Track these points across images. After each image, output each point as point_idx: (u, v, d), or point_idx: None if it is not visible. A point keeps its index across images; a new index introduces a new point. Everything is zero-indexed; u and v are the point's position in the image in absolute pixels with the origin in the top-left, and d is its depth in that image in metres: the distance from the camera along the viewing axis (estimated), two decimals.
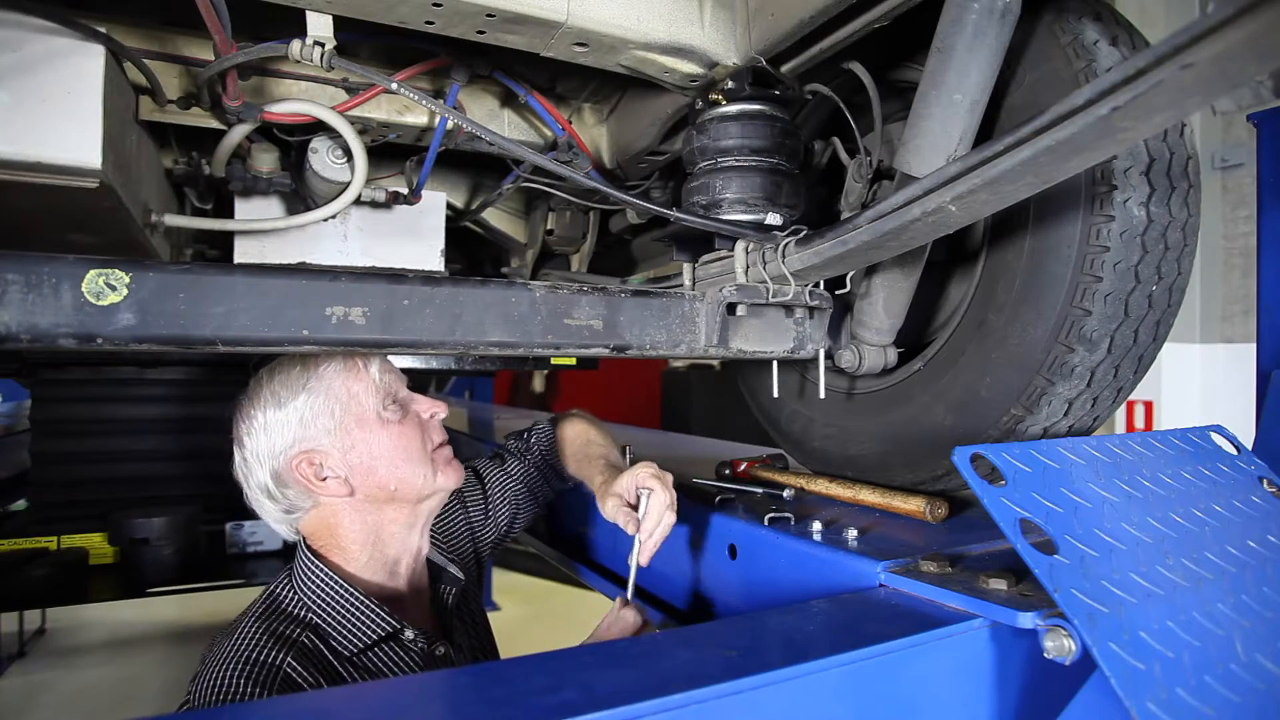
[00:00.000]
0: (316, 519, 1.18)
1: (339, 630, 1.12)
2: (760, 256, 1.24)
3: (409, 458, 1.20)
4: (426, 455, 1.23)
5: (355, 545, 1.18)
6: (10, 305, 0.83)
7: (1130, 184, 1.04)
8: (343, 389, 1.18)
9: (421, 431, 1.24)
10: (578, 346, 1.13)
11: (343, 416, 1.17)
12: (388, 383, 1.22)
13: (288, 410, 1.15)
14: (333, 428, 1.16)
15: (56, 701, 4.33)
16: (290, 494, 1.17)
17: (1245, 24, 0.57)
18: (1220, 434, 1.19)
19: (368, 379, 1.20)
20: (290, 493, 1.17)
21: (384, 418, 1.19)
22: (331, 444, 1.16)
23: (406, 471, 1.19)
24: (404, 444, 1.20)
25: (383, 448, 1.18)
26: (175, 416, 2.90)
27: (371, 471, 1.17)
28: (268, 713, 0.73)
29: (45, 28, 1.11)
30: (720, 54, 1.26)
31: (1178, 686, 0.72)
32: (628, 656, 0.77)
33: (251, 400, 1.18)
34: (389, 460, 1.18)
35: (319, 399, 1.16)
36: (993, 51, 1.00)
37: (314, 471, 1.15)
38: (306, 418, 1.15)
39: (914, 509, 1.20)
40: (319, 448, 1.15)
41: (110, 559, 2.73)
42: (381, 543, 1.20)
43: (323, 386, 1.17)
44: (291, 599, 1.15)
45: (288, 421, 1.15)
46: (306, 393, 1.16)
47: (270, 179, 1.61)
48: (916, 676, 0.81)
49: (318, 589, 1.14)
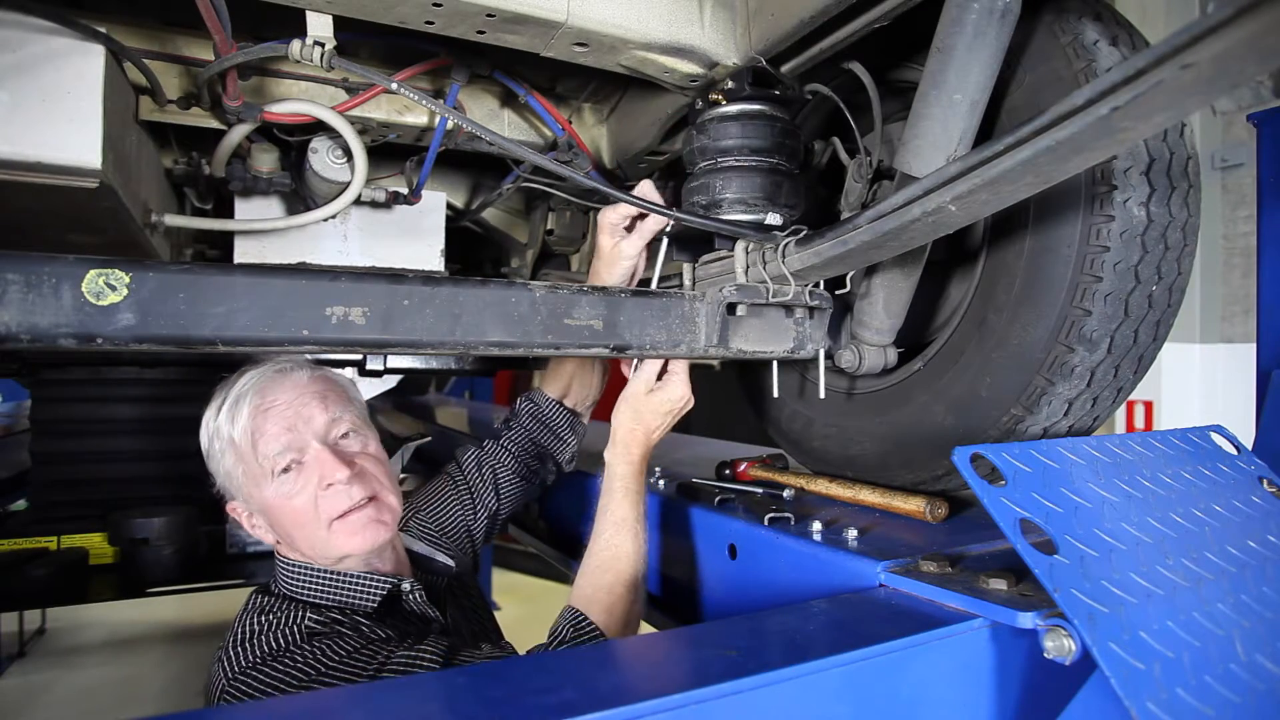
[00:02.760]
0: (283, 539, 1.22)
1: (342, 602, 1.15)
2: (760, 256, 1.24)
3: (300, 526, 1.16)
4: (322, 526, 1.15)
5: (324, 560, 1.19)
6: (10, 305, 0.82)
7: (1130, 184, 1.03)
8: (244, 445, 1.16)
9: (316, 506, 1.15)
10: (578, 346, 1.13)
11: (244, 480, 1.17)
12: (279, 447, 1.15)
13: (211, 461, 1.20)
14: (238, 486, 1.18)
15: (56, 701, 4.33)
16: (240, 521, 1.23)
17: (1245, 24, 0.57)
18: (1220, 434, 1.19)
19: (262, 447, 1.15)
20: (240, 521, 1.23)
21: (274, 489, 1.15)
22: (243, 501, 1.20)
23: (308, 540, 1.17)
24: (295, 517, 1.16)
25: (280, 516, 1.17)
26: (175, 416, 2.90)
27: (284, 530, 1.18)
28: (268, 713, 0.73)
29: (45, 28, 1.11)
30: (720, 54, 1.26)
31: (1178, 686, 0.72)
32: (628, 657, 0.77)
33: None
34: (287, 524, 1.17)
35: (228, 458, 1.18)
36: (993, 51, 1.00)
37: (245, 519, 1.21)
38: (221, 470, 1.19)
39: (914, 509, 1.20)
40: (237, 499, 1.20)
41: (110, 559, 2.73)
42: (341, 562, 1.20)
43: (224, 442, 1.17)
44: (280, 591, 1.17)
45: (213, 463, 1.20)
46: (215, 441, 1.18)
47: (270, 179, 1.61)
48: (916, 676, 0.81)
49: (303, 579, 1.17)
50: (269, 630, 1.04)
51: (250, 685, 0.97)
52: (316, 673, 0.97)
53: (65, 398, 2.78)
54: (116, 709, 4.10)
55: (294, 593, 1.16)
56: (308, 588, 1.16)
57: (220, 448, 1.17)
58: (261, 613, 1.10)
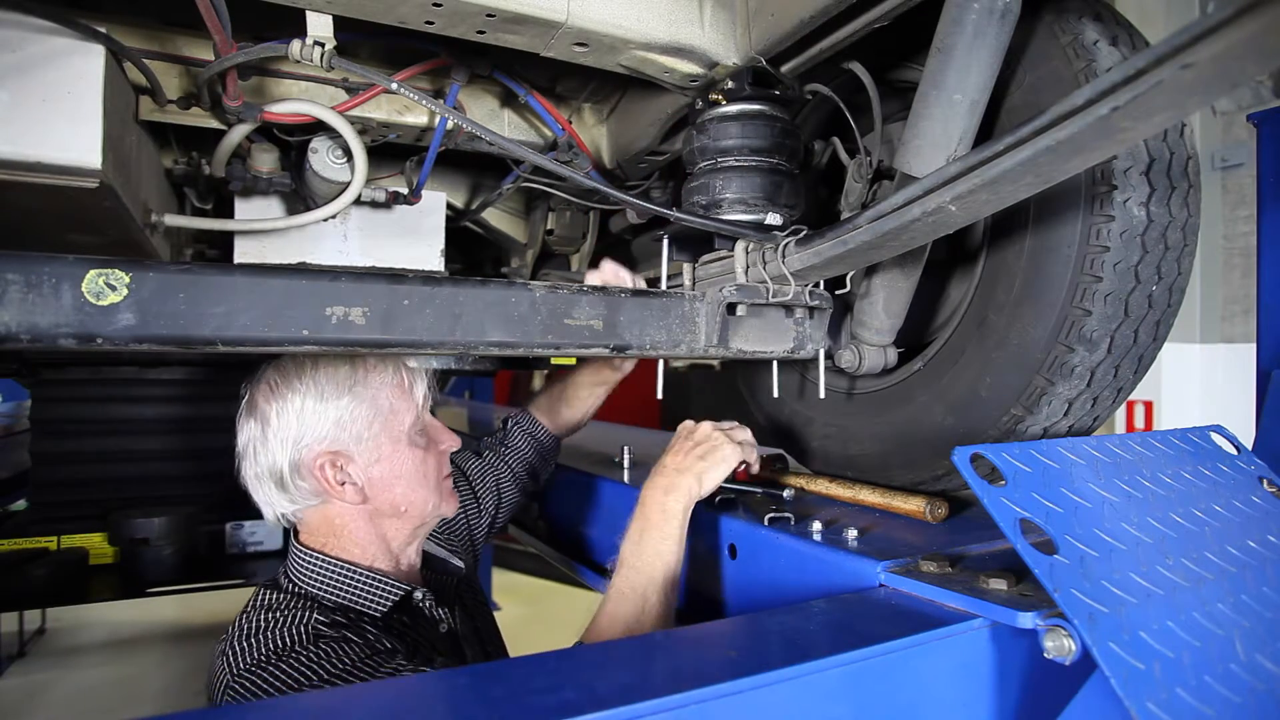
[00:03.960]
0: (320, 515, 1.19)
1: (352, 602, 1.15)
2: (760, 256, 1.24)
3: (424, 484, 1.23)
4: (439, 485, 1.26)
5: (357, 546, 1.19)
6: (10, 305, 0.82)
7: (1130, 184, 1.04)
8: (386, 402, 1.19)
9: (439, 461, 1.28)
10: (578, 346, 1.13)
11: (379, 429, 1.18)
12: (425, 409, 1.25)
13: (328, 405, 1.15)
14: (367, 437, 1.17)
15: (56, 701, 4.33)
16: (304, 486, 1.16)
17: (1245, 24, 0.57)
18: (1220, 434, 1.19)
19: (411, 400, 1.22)
20: (304, 485, 1.16)
21: (414, 441, 1.22)
22: (359, 452, 1.17)
23: (420, 495, 1.22)
24: (424, 470, 1.23)
25: (405, 469, 1.20)
26: (175, 416, 2.90)
27: (389, 488, 1.19)
28: (268, 713, 0.73)
29: (45, 28, 1.11)
30: (720, 54, 1.26)
31: (1178, 686, 0.72)
32: (628, 656, 0.77)
33: (288, 382, 1.16)
34: (408, 482, 1.21)
35: (363, 406, 1.17)
36: (993, 51, 1.00)
37: (335, 474, 1.15)
38: (344, 420, 1.15)
39: (914, 509, 1.20)
40: (346, 452, 1.16)
41: (110, 559, 2.73)
42: (384, 545, 1.22)
43: (369, 394, 1.17)
44: (292, 586, 1.16)
45: (325, 416, 1.15)
46: (352, 396, 1.16)
47: (270, 179, 1.61)
48: (916, 676, 0.81)
49: (320, 571, 1.16)
50: (275, 627, 1.03)
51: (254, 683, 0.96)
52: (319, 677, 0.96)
53: (65, 398, 2.78)
54: (116, 709, 4.10)
55: (307, 586, 1.15)
56: (323, 581, 1.15)
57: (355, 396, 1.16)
58: (269, 609, 1.09)
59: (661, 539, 1.16)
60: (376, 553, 1.20)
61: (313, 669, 0.97)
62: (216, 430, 2.79)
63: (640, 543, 1.16)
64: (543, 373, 6.45)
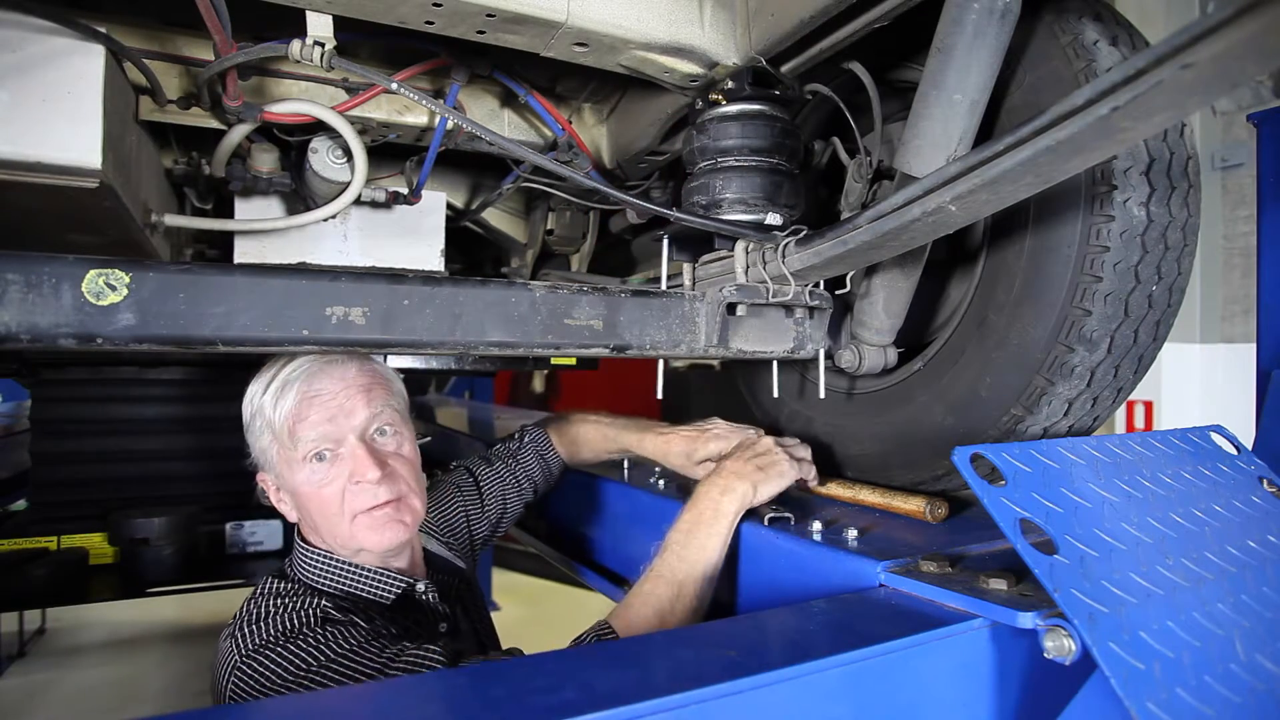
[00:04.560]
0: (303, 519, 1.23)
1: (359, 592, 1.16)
2: (760, 256, 1.24)
3: (325, 516, 1.17)
4: (344, 519, 1.16)
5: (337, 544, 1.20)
6: (10, 305, 0.83)
7: (1130, 184, 1.04)
8: (283, 428, 1.15)
9: (343, 499, 1.16)
10: (578, 346, 1.13)
11: (277, 456, 1.18)
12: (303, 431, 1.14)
13: (249, 427, 1.21)
14: (271, 461, 1.20)
15: (56, 701, 4.33)
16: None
17: (1245, 24, 0.57)
18: (1220, 434, 1.19)
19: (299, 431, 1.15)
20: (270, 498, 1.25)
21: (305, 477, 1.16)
22: (273, 476, 1.22)
23: (329, 529, 1.18)
24: (320, 506, 1.16)
25: (305, 502, 1.18)
26: (175, 416, 2.90)
27: (305, 512, 1.20)
28: (268, 713, 0.73)
29: (45, 28, 1.11)
30: (720, 54, 1.26)
31: (1178, 686, 0.72)
32: (628, 656, 0.77)
33: None
34: (314, 513, 1.18)
35: (265, 437, 1.19)
36: (993, 51, 1.00)
37: (272, 493, 1.23)
38: (256, 444, 1.21)
39: (914, 509, 1.20)
40: (268, 472, 1.22)
41: (110, 559, 2.73)
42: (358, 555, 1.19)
43: (265, 421, 1.18)
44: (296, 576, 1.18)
45: (251, 436, 1.21)
46: (257, 418, 1.19)
47: (270, 179, 1.61)
48: (916, 676, 0.81)
49: (320, 567, 1.18)
50: (284, 611, 1.04)
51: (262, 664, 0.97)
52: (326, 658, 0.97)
53: (65, 398, 2.78)
54: (116, 709, 4.10)
55: (310, 579, 1.17)
56: (325, 576, 1.17)
57: (260, 425, 1.19)
58: (276, 596, 1.10)
59: (710, 535, 1.16)
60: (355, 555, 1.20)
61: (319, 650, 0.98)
62: (216, 430, 2.81)
63: (690, 534, 1.17)
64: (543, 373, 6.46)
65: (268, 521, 2.84)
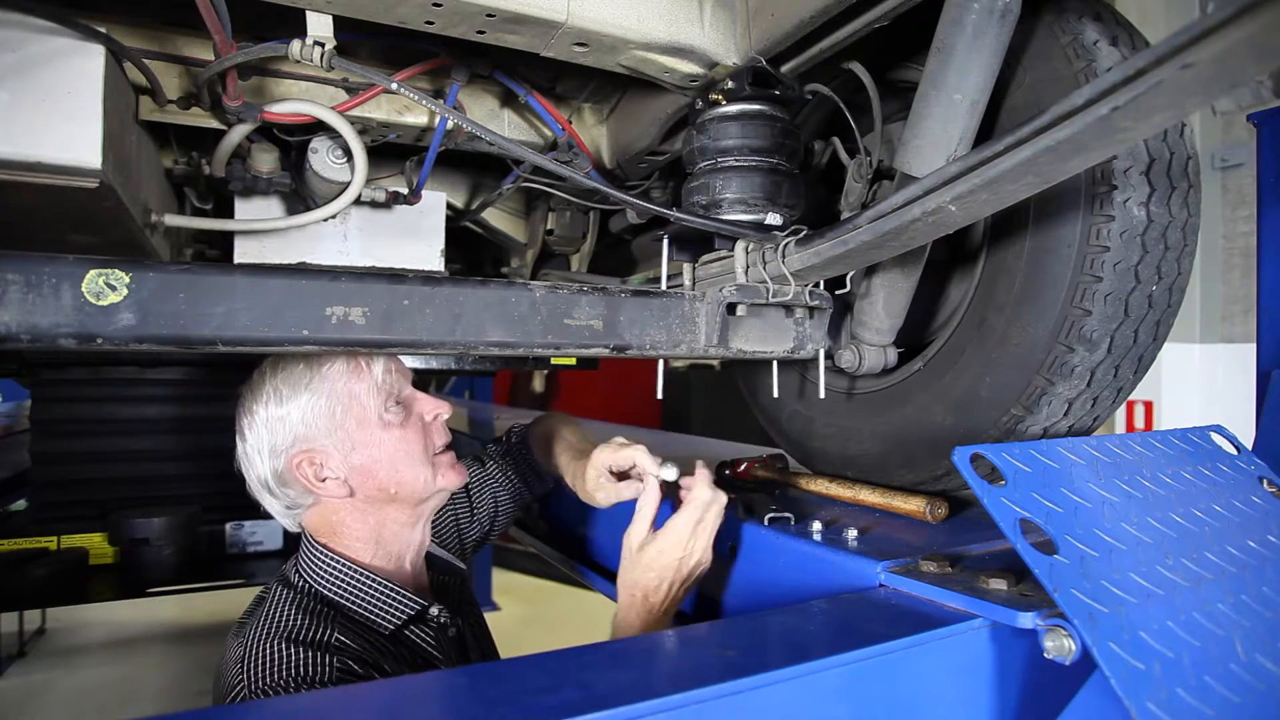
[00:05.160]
0: (318, 514, 1.19)
1: (370, 612, 1.13)
2: (760, 256, 1.24)
3: (410, 461, 1.19)
4: (427, 458, 1.22)
5: (358, 541, 1.19)
6: (10, 305, 0.83)
7: (1130, 184, 1.04)
8: (344, 390, 1.16)
9: (424, 434, 1.23)
10: (578, 346, 1.13)
11: (343, 418, 1.16)
12: (390, 383, 1.20)
13: (288, 407, 1.14)
14: (333, 429, 1.15)
15: (56, 701, 4.33)
16: (291, 492, 1.17)
17: (1245, 24, 0.57)
18: (1220, 434, 1.19)
19: (370, 380, 1.18)
20: (291, 491, 1.17)
21: (385, 420, 1.18)
22: (332, 445, 1.15)
23: (407, 474, 1.19)
24: (404, 447, 1.19)
25: (383, 451, 1.17)
26: (175, 416, 2.90)
27: (371, 474, 1.17)
28: (268, 713, 0.73)
29: (45, 28, 1.11)
30: (720, 54, 1.26)
31: (1178, 686, 0.72)
32: (628, 656, 0.77)
33: (253, 394, 1.17)
34: (389, 463, 1.18)
35: (320, 399, 1.15)
36: (993, 51, 1.00)
37: (314, 472, 1.15)
38: (308, 417, 1.15)
39: (914, 509, 1.20)
40: (319, 448, 1.15)
41: (110, 559, 2.73)
42: (384, 540, 1.21)
43: (325, 386, 1.15)
44: (307, 586, 1.14)
45: (288, 419, 1.14)
46: (308, 391, 1.15)
47: (270, 179, 1.61)
48: (916, 676, 0.81)
49: (335, 575, 1.15)
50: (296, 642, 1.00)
51: None
52: None
53: (65, 398, 2.79)
54: (116, 709, 4.11)
55: (319, 586, 1.14)
56: (336, 584, 1.14)
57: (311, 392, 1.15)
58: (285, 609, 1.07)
59: None
60: (378, 548, 1.20)
61: None
62: (216, 430, 2.80)
63: None
64: (543, 373, 6.46)
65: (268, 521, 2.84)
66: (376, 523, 1.20)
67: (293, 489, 1.17)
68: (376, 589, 1.15)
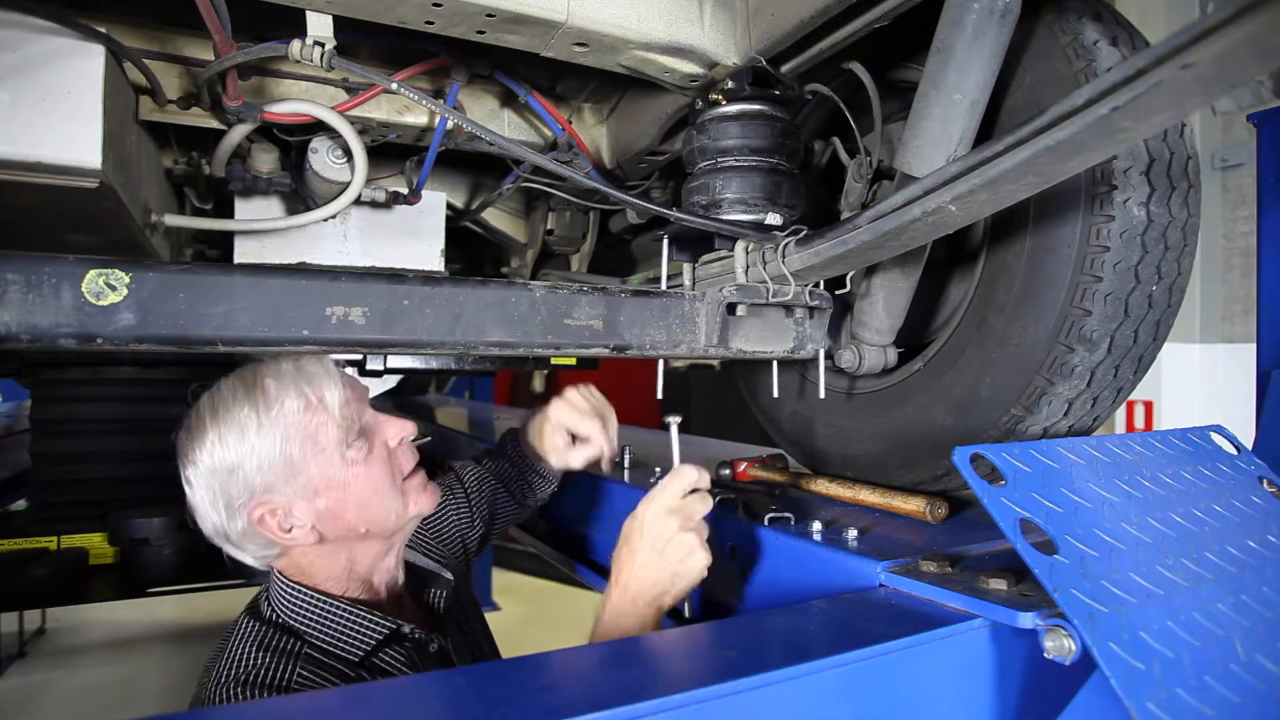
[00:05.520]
0: (287, 559, 1.12)
1: (339, 640, 1.08)
2: (760, 256, 1.24)
3: (378, 495, 1.11)
4: (396, 487, 1.14)
5: (330, 580, 1.13)
6: (10, 305, 0.83)
7: (1130, 184, 1.04)
8: (299, 431, 1.05)
9: (389, 463, 1.14)
10: (578, 346, 1.13)
11: (302, 462, 1.05)
12: (349, 414, 1.09)
13: (238, 456, 1.03)
14: (292, 475, 1.05)
15: (56, 701, 4.33)
16: (253, 545, 1.08)
17: (1245, 24, 0.57)
18: (1220, 434, 1.19)
19: (325, 414, 1.07)
20: (252, 544, 1.08)
21: (348, 458, 1.09)
22: (293, 492, 1.05)
23: (377, 511, 1.11)
24: (371, 483, 1.10)
25: (349, 491, 1.08)
26: (175, 416, 2.90)
27: (339, 516, 1.09)
28: (268, 713, 0.73)
29: (45, 28, 1.11)
30: (720, 54, 1.26)
31: (1178, 686, 0.72)
32: (628, 656, 0.77)
33: (194, 440, 1.06)
34: (357, 503, 1.09)
35: (273, 444, 1.04)
36: (993, 51, 1.00)
37: (277, 523, 1.06)
38: (263, 465, 1.03)
39: (914, 509, 1.20)
40: (280, 499, 1.05)
41: (110, 559, 2.73)
42: (356, 573, 1.15)
43: (277, 431, 1.04)
44: (275, 618, 1.09)
45: (241, 469, 1.03)
46: (259, 436, 1.03)
47: (270, 179, 1.61)
48: (916, 676, 0.81)
49: (304, 607, 1.09)
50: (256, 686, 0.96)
51: None
52: None
53: (65, 398, 2.78)
54: (116, 709, 4.10)
55: (288, 619, 1.08)
56: (304, 617, 1.08)
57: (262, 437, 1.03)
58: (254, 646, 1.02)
59: None
60: (350, 583, 1.14)
61: None
62: None
63: None
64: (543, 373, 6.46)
65: None
66: (348, 560, 1.13)
67: (254, 542, 1.08)
68: (344, 617, 1.09)
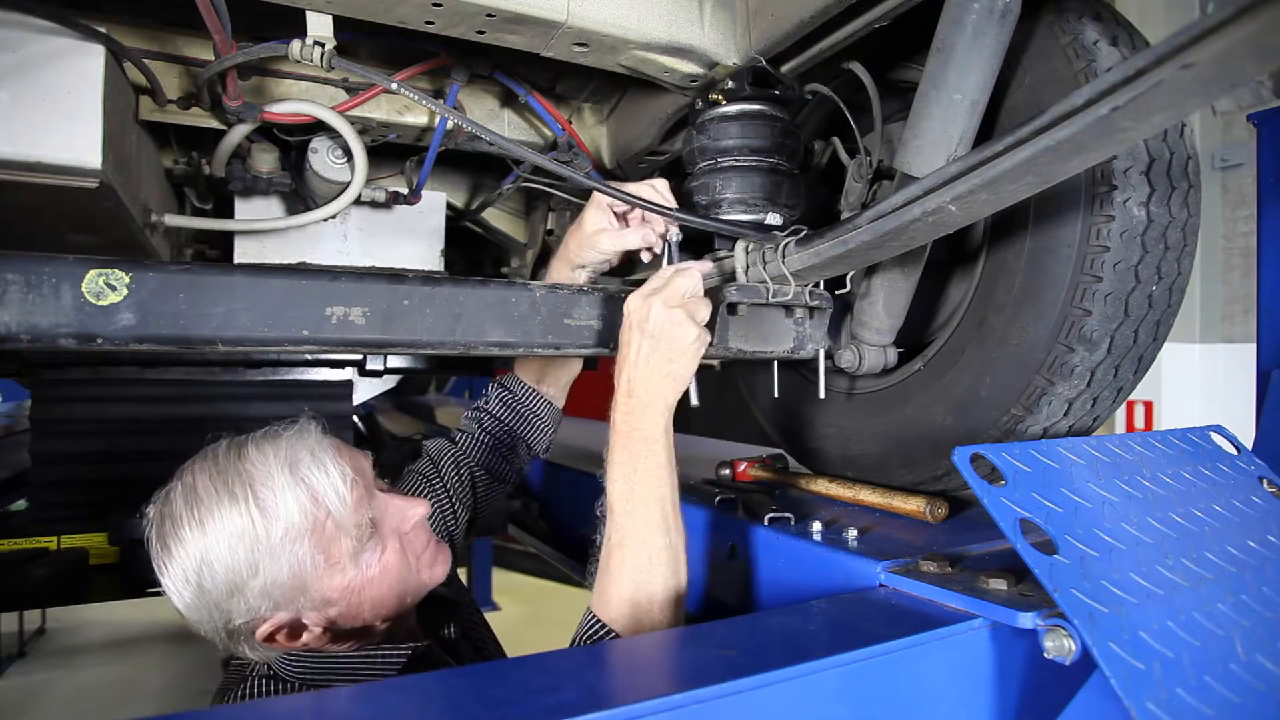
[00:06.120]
0: None
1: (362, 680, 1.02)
2: (760, 256, 1.24)
3: (394, 589, 1.04)
4: (412, 570, 1.07)
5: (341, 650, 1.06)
6: (10, 305, 0.83)
7: (1130, 184, 1.04)
8: (309, 550, 0.95)
9: (404, 551, 1.05)
10: (578, 346, 1.13)
11: (314, 579, 0.96)
12: (360, 520, 1.00)
13: (238, 577, 0.93)
14: (300, 592, 0.96)
15: (56, 701, 4.33)
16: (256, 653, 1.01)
17: (1245, 24, 0.57)
18: (1220, 434, 1.19)
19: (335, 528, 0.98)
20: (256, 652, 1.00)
21: (363, 563, 1.00)
22: (304, 605, 0.97)
23: (393, 603, 1.04)
24: (387, 580, 1.02)
25: (364, 594, 1.01)
26: (175, 416, 2.90)
27: (355, 615, 1.01)
28: (268, 713, 0.73)
29: (45, 28, 1.11)
30: (720, 54, 1.26)
31: (1178, 686, 0.72)
32: (628, 656, 0.77)
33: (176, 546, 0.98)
34: (374, 601, 1.02)
35: (280, 567, 0.94)
36: (993, 51, 1.00)
37: (287, 635, 0.97)
38: (269, 589, 0.94)
39: (914, 509, 1.20)
40: (287, 615, 0.96)
41: (110, 559, 2.72)
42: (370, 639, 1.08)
43: (284, 552, 0.94)
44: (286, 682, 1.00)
45: (242, 593, 0.93)
46: (268, 557, 0.93)
47: (270, 179, 1.61)
48: (916, 676, 0.81)
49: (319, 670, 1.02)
50: None
51: None
52: None
53: (65, 398, 2.78)
54: (116, 709, 4.10)
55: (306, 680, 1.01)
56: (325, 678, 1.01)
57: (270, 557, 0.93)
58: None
59: (649, 467, 1.01)
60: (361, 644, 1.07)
61: None
62: (217, 429, 2.81)
63: (629, 481, 1.01)
64: None
65: None
66: (362, 636, 1.06)
67: (257, 651, 1.00)
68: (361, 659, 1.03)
